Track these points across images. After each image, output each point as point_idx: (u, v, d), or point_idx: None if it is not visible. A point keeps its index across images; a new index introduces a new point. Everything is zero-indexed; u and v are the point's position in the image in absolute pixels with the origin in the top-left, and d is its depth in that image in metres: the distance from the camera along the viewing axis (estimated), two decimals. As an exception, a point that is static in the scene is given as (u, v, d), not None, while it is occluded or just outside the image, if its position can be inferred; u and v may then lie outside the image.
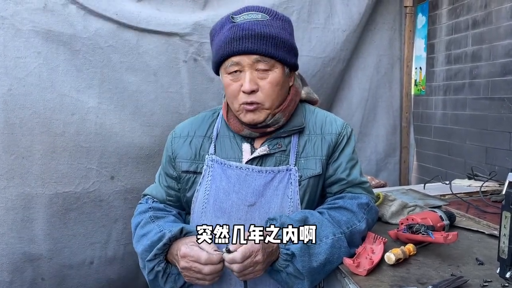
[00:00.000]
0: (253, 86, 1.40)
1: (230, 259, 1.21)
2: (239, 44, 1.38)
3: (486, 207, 1.99)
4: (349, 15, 2.84)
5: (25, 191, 2.13)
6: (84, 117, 2.20)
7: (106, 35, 2.22)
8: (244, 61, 1.40)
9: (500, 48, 2.69)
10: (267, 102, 1.42)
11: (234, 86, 1.43)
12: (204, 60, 2.44)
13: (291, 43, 1.46)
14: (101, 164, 2.29)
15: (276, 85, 1.42)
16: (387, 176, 3.25)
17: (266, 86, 1.41)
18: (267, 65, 1.40)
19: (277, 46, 1.40)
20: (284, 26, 1.45)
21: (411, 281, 1.23)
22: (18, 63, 2.06)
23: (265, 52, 1.38)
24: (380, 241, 1.40)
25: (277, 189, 1.44)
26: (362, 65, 3.08)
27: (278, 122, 1.47)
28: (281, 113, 1.47)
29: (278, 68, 1.42)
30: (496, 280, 1.21)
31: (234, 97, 1.45)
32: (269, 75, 1.41)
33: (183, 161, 1.54)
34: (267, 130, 1.48)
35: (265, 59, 1.39)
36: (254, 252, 1.21)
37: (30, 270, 2.21)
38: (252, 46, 1.37)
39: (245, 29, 1.39)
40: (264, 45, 1.38)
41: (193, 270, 1.27)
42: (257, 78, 1.41)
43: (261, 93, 1.41)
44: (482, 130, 2.86)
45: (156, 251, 1.35)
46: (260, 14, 1.43)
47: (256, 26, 1.39)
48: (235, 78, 1.43)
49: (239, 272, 1.22)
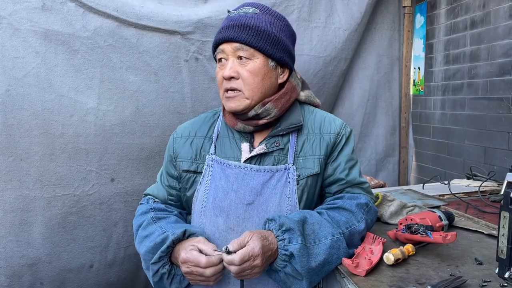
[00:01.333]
0: (232, 73, 1.45)
1: (229, 260, 1.22)
2: (224, 32, 1.46)
3: (485, 207, 1.99)
4: (350, 14, 2.84)
5: (23, 194, 2.11)
6: (83, 118, 2.19)
7: (106, 33, 2.19)
8: (227, 48, 1.46)
9: (499, 48, 2.70)
10: (246, 90, 1.46)
11: (220, 73, 1.49)
12: (206, 59, 2.43)
13: (277, 37, 1.48)
14: (101, 166, 2.27)
15: (256, 74, 1.46)
16: (386, 176, 3.25)
17: (245, 74, 1.45)
18: (247, 54, 1.44)
19: (258, 37, 1.44)
20: (273, 21, 1.49)
21: (410, 281, 1.23)
22: (16, 63, 2.03)
23: (244, 40, 1.43)
24: (379, 241, 1.40)
25: (275, 188, 1.45)
26: (363, 65, 3.08)
27: (270, 113, 1.49)
28: (272, 104, 1.49)
29: (259, 58, 1.46)
30: (495, 280, 1.22)
31: (220, 84, 1.51)
32: (248, 64, 1.45)
33: (184, 160, 1.56)
34: (259, 122, 1.49)
35: (245, 47, 1.44)
36: (254, 256, 1.22)
37: (28, 274, 2.19)
38: (233, 34, 1.43)
39: (233, 20, 1.46)
40: (245, 34, 1.43)
41: (195, 274, 1.29)
42: (238, 66, 1.46)
43: (240, 81, 1.46)
44: (481, 130, 2.87)
45: (160, 254, 1.36)
46: (252, 8, 1.49)
47: (242, 17, 1.46)
48: (221, 66, 1.50)
49: (236, 273, 1.24)
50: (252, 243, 1.23)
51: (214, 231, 1.45)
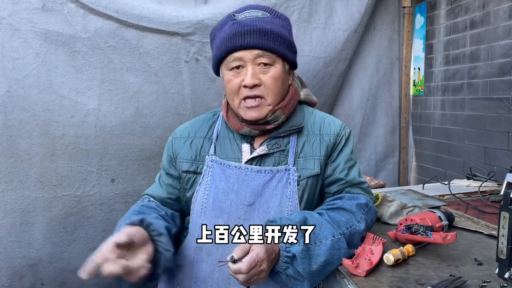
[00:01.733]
0: (255, 80, 1.42)
1: (235, 269, 1.17)
2: (241, 39, 1.41)
3: (485, 207, 1.99)
4: (349, 15, 2.84)
5: (24, 194, 2.12)
6: (84, 119, 2.19)
7: (106, 35, 2.19)
8: (246, 56, 1.43)
9: (498, 49, 2.70)
10: (270, 96, 1.45)
11: (235, 81, 1.46)
12: (206, 60, 2.43)
13: (290, 40, 1.49)
14: (102, 167, 2.28)
15: (278, 79, 1.45)
16: (386, 177, 3.25)
17: (268, 81, 1.44)
18: (269, 60, 1.43)
19: (278, 42, 1.43)
20: (283, 24, 1.49)
21: (410, 282, 1.23)
22: (17, 64, 2.04)
23: (267, 47, 1.41)
24: (379, 241, 1.40)
25: (276, 188, 1.45)
26: (362, 65, 3.09)
27: (277, 119, 1.49)
28: (281, 111, 1.49)
29: (279, 63, 1.46)
30: (495, 281, 1.22)
31: (235, 93, 1.47)
32: (271, 70, 1.44)
33: (183, 161, 1.56)
34: (266, 127, 1.49)
35: (267, 54, 1.42)
36: (260, 261, 1.19)
37: (29, 275, 2.20)
38: (254, 41, 1.40)
39: (247, 25, 1.42)
40: (266, 40, 1.41)
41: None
42: (258, 73, 1.44)
43: (263, 87, 1.44)
44: (481, 130, 2.87)
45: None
46: (260, 12, 1.47)
47: (257, 22, 1.43)
48: (236, 74, 1.46)
49: (245, 281, 1.20)
50: (257, 248, 1.20)
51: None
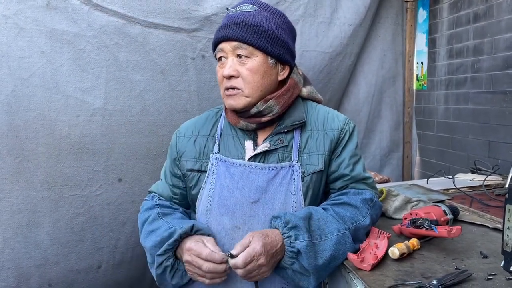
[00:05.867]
0: (232, 71, 1.45)
1: (233, 264, 1.24)
2: (223, 31, 1.46)
3: (490, 201, 2.00)
4: (355, 9, 2.84)
5: (31, 195, 2.12)
6: (90, 118, 2.20)
7: (112, 32, 2.19)
8: (226, 47, 1.46)
9: (502, 42, 2.69)
10: (246, 89, 1.46)
11: (219, 72, 1.49)
12: (212, 56, 2.39)
13: (276, 34, 1.47)
14: (108, 166, 2.28)
15: (256, 73, 1.45)
16: (390, 172, 3.26)
17: (245, 73, 1.45)
18: (246, 52, 1.44)
19: (257, 35, 1.43)
20: (272, 18, 1.48)
21: (416, 276, 1.24)
22: (22, 63, 2.04)
23: (243, 39, 1.42)
24: (384, 236, 1.41)
25: (280, 185, 1.46)
26: (368, 60, 3.09)
27: (272, 110, 1.49)
28: (275, 101, 1.48)
29: (258, 56, 1.45)
30: (501, 273, 1.22)
31: (220, 83, 1.51)
32: (248, 62, 1.45)
33: (188, 159, 1.57)
34: (262, 119, 1.49)
35: (244, 46, 1.44)
36: (256, 256, 1.24)
37: (36, 275, 2.20)
38: (232, 33, 1.43)
39: (232, 18, 1.46)
40: (244, 33, 1.43)
41: (194, 265, 1.31)
42: (237, 64, 1.46)
43: (240, 79, 1.46)
44: (485, 124, 2.86)
45: (167, 247, 1.37)
46: (250, 6, 1.49)
47: (241, 15, 1.46)
48: (221, 64, 1.50)
49: (244, 276, 1.26)
50: (253, 243, 1.25)
51: (220, 229, 1.46)
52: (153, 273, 1.46)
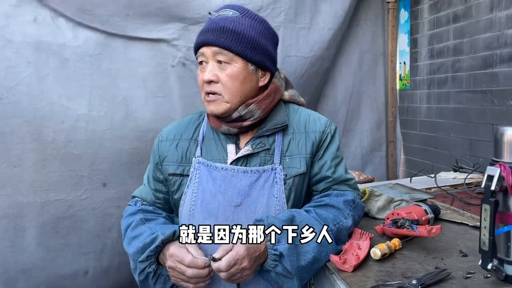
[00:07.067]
0: (211, 76, 1.44)
1: (216, 267, 1.23)
2: (204, 35, 1.46)
3: (471, 199, 2.03)
4: (334, 13, 2.85)
5: (17, 200, 2.13)
6: (74, 124, 2.21)
7: (95, 43, 2.25)
8: (206, 52, 1.46)
9: (481, 42, 2.74)
10: (226, 94, 1.45)
11: (200, 76, 1.49)
12: (193, 64, 2.43)
13: (257, 41, 1.47)
14: (93, 171, 2.28)
15: (235, 79, 1.45)
16: (373, 171, 3.28)
17: (224, 79, 1.45)
18: (226, 58, 1.44)
19: (237, 41, 1.43)
20: (252, 24, 1.48)
21: (396, 276, 1.26)
22: (9, 72, 2.07)
23: (223, 45, 1.42)
24: (367, 236, 1.42)
25: (263, 188, 1.46)
26: (346, 62, 3.11)
27: (253, 114, 1.49)
28: (256, 105, 1.48)
29: (238, 62, 1.45)
30: (479, 272, 1.23)
31: (201, 87, 1.50)
32: (227, 68, 1.45)
33: (170, 164, 1.56)
34: (243, 124, 1.49)
35: (224, 52, 1.43)
36: (240, 259, 1.23)
37: (23, 280, 2.20)
38: (212, 38, 1.43)
39: (213, 23, 1.46)
40: (224, 38, 1.42)
41: (177, 271, 1.31)
42: (217, 69, 1.46)
43: (220, 85, 1.46)
44: (466, 122, 2.91)
45: (149, 253, 1.37)
46: (232, 11, 1.48)
47: (222, 21, 1.45)
48: (202, 69, 1.49)
49: (227, 279, 1.25)
50: (237, 247, 1.24)
51: None
52: (136, 279, 1.46)
